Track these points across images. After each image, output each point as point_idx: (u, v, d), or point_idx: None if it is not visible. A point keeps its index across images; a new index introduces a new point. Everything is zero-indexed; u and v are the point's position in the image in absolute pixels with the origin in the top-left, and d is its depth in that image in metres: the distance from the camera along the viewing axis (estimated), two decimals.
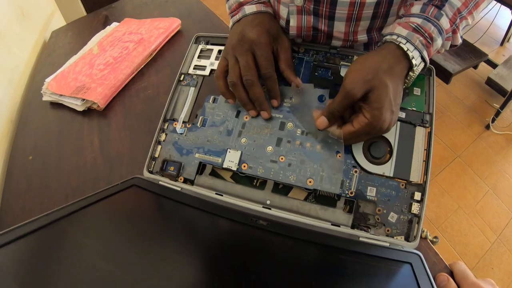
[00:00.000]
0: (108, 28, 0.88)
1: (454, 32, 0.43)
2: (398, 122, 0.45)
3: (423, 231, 0.46)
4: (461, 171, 1.63)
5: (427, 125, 0.44)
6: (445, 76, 1.48)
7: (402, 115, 0.45)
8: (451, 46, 0.46)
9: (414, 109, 0.45)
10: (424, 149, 0.43)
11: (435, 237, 0.47)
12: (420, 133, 0.44)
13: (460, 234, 1.43)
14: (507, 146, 1.72)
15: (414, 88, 0.46)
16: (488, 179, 1.60)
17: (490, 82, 1.80)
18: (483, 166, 1.65)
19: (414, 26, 0.41)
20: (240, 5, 0.53)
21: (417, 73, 0.43)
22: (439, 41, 0.42)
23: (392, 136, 0.44)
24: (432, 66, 0.47)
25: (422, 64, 0.43)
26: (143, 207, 0.46)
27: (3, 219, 0.54)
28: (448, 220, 1.47)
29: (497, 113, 1.73)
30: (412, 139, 0.44)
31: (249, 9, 0.51)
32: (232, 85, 0.47)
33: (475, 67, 1.68)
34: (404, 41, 0.41)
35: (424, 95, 0.46)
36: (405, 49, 0.41)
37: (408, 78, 0.43)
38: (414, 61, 0.41)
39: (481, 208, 1.50)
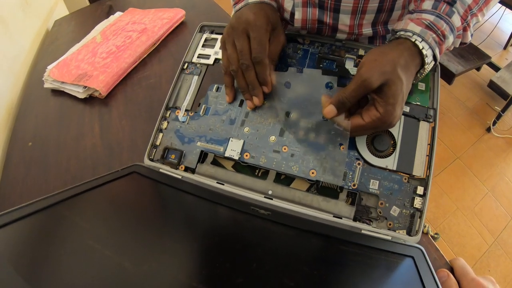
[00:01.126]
0: (112, 18, 0.87)
1: (464, 29, 0.42)
2: (402, 116, 0.44)
3: (425, 226, 0.45)
4: (460, 172, 1.63)
5: (431, 120, 0.44)
6: (448, 76, 1.48)
7: (407, 109, 0.44)
8: (461, 44, 0.45)
9: (419, 103, 0.45)
10: (428, 144, 0.43)
11: (436, 233, 0.47)
12: (424, 127, 0.44)
13: (458, 235, 1.43)
14: (507, 149, 1.72)
15: (419, 83, 0.46)
16: (488, 182, 1.60)
17: (492, 85, 1.80)
18: (482, 169, 1.65)
19: (427, 23, 0.40)
20: None
21: (427, 71, 0.43)
22: (450, 39, 0.41)
23: (396, 130, 0.44)
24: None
25: (433, 63, 0.43)
26: (142, 194, 0.45)
27: (1, 205, 0.53)
28: (447, 221, 1.47)
29: (498, 116, 1.72)
30: (416, 134, 0.43)
31: None
32: (234, 73, 0.46)
33: (478, 69, 1.67)
34: (419, 39, 0.40)
35: (428, 90, 0.45)
36: (421, 47, 0.40)
37: (418, 75, 0.43)
38: (426, 60, 0.41)
39: (480, 210, 1.50)
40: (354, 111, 0.42)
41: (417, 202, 0.41)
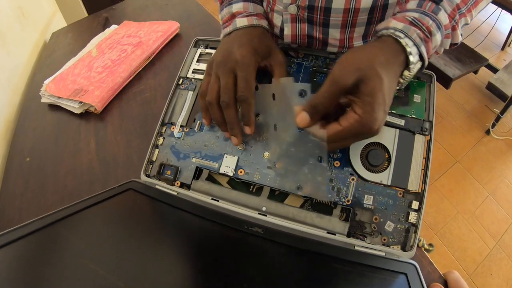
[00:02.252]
0: (108, 31, 0.88)
1: (453, 28, 0.41)
2: (397, 130, 0.44)
3: (420, 240, 0.45)
4: (460, 176, 1.63)
5: (426, 133, 0.44)
6: (445, 81, 1.48)
7: (402, 122, 0.44)
8: (451, 45, 0.43)
9: (414, 116, 0.45)
10: (423, 158, 0.43)
11: (430, 245, 0.47)
12: (419, 141, 0.44)
13: (459, 239, 1.42)
14: (507, 151, 1.72)
15: (414, 95, 0.46)
16: (488, 185, 1.59)
17: (490, 87, 1.80)
18: (482, 172, 1.65)
19: (410, 19, 0.38)
20: (232, 16, 0.50)
21: (413, 73, 0.40)
22: (438, 37, 0.39)
23: (391, 143, 0.44)
24: (432, 73, 0.47)
25: (420, 64, 0.40)
26: (139, 211, 0.45)
27: None
28: (447, 225, 1.47)
29: (497, 118, 1.72)
30: (411, 147, 0.43)
31: (240, 22, 0.48)
32: (208, 104, 0.45)
33: (476, 72, 1.68)
34: (402, 35, 0.37)
35: (424, 102, 0.45)
36: (404, 43, 0.37)
37: (403, 78, 0.40)
38: (411, 58, 0.38)
39: (481, 214, 1.50)
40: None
41: (412, 217, 0.41)
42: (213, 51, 0.56)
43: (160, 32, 0.81)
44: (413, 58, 0.38)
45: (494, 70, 1.88)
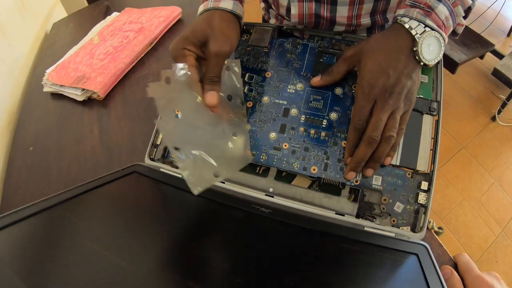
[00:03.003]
0: (109, 18, 0.87)
1: None
2: None
3: (429, 222, 0.45)
4: (466, 162, 1.61)
5: (434, 113, 0.43)
6: (451, 65, 1.46)
7: None
8: (466, 11, 0.42)
9: (421, 96, 0.44)
10: (432, 138, 0.42)
11: (440, 228, 0.46)
12: (427, 121, 0.43)
13: (464, 226, 1.42)
14: None
15: (422, 75, 0.45)
16: (494, 171, 1.58)
17: (496, 73, 1.77)
18: (488, 158, 1.63)
19: (409, 3, 0.40)
20: None
21: (422, 41, 0.39)
22: (441, 7, 0.39)
23: None
24: None
25: (430, 31, 0.39)
26: (143, 194, 0.45)
27: (4, 210, 0.53)
28: (453, 211, 1.46)
29: (503, 105, 1.70)
30: (419, 127, 0.42)
31: (201, 7, 0.46)
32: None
33: (482, 57, 1.65)
34: (406, 19, 0.40)
35: (431, 82, 0.44)
36: (405, 21, 0.40)
37: (420, 55, 0.40)
38: (413, 32, 0.39)
39: (486, 200, 1.49)
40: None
41: (422, 198, 0.40)
42: None
43: (162, 17, 0.80)
44: (417, 30, 0.39)
45: (500, 56, 1.85)
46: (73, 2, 1.16)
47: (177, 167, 0.47)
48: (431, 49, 0.40)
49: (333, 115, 0.44)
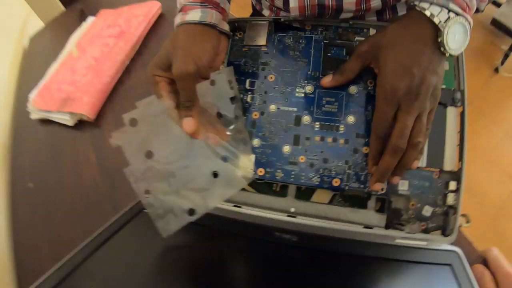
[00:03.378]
0: (85, 25, 0.80)
1: None
2: None
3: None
4: (473, 119, 1.57)
5: (459, 104, 0.39)
6: None
7: None
8: None
9: (444, 86, 0.39)
10: (458, 132, 0.38)
11: (467, 221, 0.44)
12: (452, 114, 0.39)
13: (477, 185, 1.40)
14: None
15: None
16: (501, 125, 1.55)
17: (495, 22, 1.70)
18: (494, 112, 1.59)
19: None
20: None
21: (447, 30, 0.34)
22: None
23: None
24: None
25: (455, 17, 0.34)
26: (156, 236, 0.42)
27: (18, 252, 0.52)
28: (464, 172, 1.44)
29: (506, 56, 1.64)
30: (444, 122, 0.39)
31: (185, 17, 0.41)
32: None
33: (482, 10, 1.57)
34: (426, 5, 0.34)
35: (453, 69, 0.40)
36: (422, 9, 0.35)
37: (440, 37, 0.35)
38: (436, 20, 0.34)
39: (497, 156, 1.46)
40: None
41: (450, 199, 0.38)
42: None
43: (140, 16, 0.73)
44: (440, 17, 0.34)
45: (497, 4, 1.76)
46: (47, 9, 1.08)
47: None
48: (456, 37, 0.35)
49: (351, 119, 0.40)
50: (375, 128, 0.36)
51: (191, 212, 0.36)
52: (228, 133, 0.41)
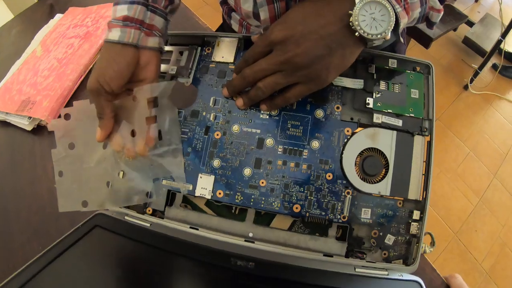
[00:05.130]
0: (52, 22, 0.76)
1: None
2: (394, 132, 0.39)
3: (422, 246, 0.42)
4: (441, 134, 1.62)
5: (426, 133, 0.39)
6: (425, 41, 1.42)
7: (399, 123, 0.39)
8: None
9: (412, 115, 0.39)
10: (423, 161, 0.38)
11: (432, 244, 0.44)
12: (418, 143, 0.39)
13: (443, 198, 1.45)
14: (485, 106, 1.72)
15: (412, 89, 0.40)
16: (468, 141, 1.61)
17: (467, 41, 1.76)
18: (462, 128, 1.65)
19: None
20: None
21: (362, 4, 0.32)
22: None
23: (388, 148, 0.39)
24: (430, 63, 0.41)
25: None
26: (109, 253, 0.40)
27: None
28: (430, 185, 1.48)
29: (475, 74, 1.70)
30: (410, 151, 0.39)
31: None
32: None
33: (455, 29, 1.62)
34: None
35: (422, 97, 0.40)
36: None
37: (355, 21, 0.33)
38: None
39: (463, 171, 1.52)
40: None
41: (414, 228, 0.38)
42: (172, 48, 0.48)
43: (109, 17, 0.70)
44: None
45: (470, 24, 1.83)
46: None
47: (143, 212, 0.41)
48: (375, 20, 0.32)
49: (315, 144, 0.39)
50: (246, 53, 0.39)
51: (85, 204, 0.41)
52: (158, 146, 0.42)
